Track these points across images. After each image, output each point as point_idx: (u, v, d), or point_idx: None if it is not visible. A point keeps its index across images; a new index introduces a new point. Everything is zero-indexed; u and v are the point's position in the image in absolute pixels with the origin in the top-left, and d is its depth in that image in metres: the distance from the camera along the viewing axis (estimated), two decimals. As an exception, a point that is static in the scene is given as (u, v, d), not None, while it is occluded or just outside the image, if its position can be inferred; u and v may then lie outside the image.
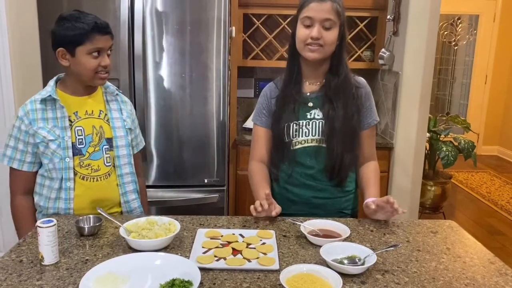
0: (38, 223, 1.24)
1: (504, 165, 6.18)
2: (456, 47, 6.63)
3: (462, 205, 4.60)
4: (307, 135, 1.67)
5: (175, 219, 1.49)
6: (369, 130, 1.73)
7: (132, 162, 1.73)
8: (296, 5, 2.95)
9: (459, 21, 6.52)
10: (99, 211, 1.49)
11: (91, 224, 1.45)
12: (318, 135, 1.67)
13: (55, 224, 1.24)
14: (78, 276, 1.18)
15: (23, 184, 1.64)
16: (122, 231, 1.36)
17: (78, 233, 1.43)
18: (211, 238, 1.41)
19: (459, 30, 6.55)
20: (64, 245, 1.36)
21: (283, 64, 3.13)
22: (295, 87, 1.69)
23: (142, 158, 2.53)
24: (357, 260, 1.27)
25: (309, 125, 1.67)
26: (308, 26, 1.59)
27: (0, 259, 1.28)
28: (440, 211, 3.66)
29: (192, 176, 2.67)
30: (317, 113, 1.67)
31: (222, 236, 1.43)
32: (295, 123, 1.67)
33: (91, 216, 1.48)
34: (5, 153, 1.61)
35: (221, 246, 1.36)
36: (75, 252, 1.32)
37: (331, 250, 1.30)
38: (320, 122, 1.66)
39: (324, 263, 1.25)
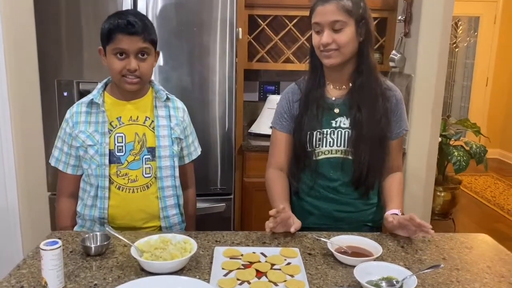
0: (41, 245, 1.11)
1: (506, 168, 6.11)
2: (457, 49, 6.56)
3: (468, 209, 4.51)
4: (331, 145, 1.55)
5: (187, 235, 1.37)
6: (397, 140, 1.61)
7: (177, 174, 1.61)
8: (303, 6, 2.89)
9: (459, 23, 6.45)
10: (107, 229, 1.36)
11: (98, 243, 1.32)
12: (344, 146, 1.54)
13: (60, 246, 1.11)
14: (87, 304, 1.05)
15: (67, 187, 1.59)
16: (133, 251, 1.23)
17: (84, 253, 1.31)
18: (230, 258, 1.29)
19: (460, 32, 6.48)
20: (69, 267, 1.23)
21: (289, 67, 3.09)
22: (319, 91, 1.57)
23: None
24: (394, 282, 1.16)
25: (334, 134, 1.54)
26: (318, 32, 1.49)
27: (-2, 285, 1.15)
28: (449, 217, 3.56)
29: (197, 185, 2.54)
30: (343, 122, 1.55)
31: (242, 255, 1.31)
32: (319, 131, 1.55)
33: (97, 233, 1.35)
34: (53, 154, 1.58)
35: (242, 267, 1.24)
36: (81, 275, 1.19)
37: (365, 271, 1.18)
38: (346, 132, 1.53)
39: (358, 285, 1.14)
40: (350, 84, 1.55)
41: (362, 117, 1.51)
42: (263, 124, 2.94)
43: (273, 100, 2.97)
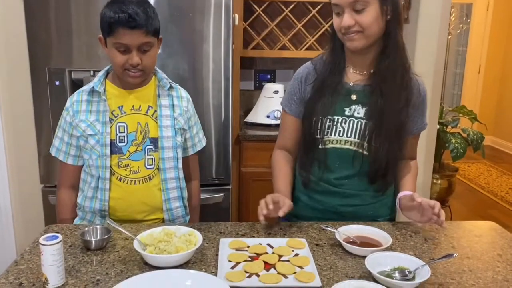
0: (41, 240, 1.06)
1: (499, 155, 6.14)
2: (449, 37, 6.54)
3: (462, 196, 4.51)
4: (341, 134, 1.44)
5: (191, 227, 1.33)
6: (415, 136, 1.54)
7: (180, 166, 1.55)
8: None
9: (452, 10, 6.42)
10: (108, 221, 1.31)
11: (99, 237, 1.27)
12: (355, 137, 1.43)
13: (60, 241, 1.07)
14: (90, 301, 1.01)
15: (68, 178, 1.55)
16: (136, 245, 1.19)
17: (84, 247, 1.26)
18: (236, 250, 1.25)
19: (452, 19, 6.45)
20: (69, 262, 1.18)
21: (285, 54, 3.03)
22: (337, 74, 1.45)
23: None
24: (407, 273, 1.13)
25: (345, 123, 1.44)
26: (338, 14, 1.38)
27: (-5, 282, 1.10)
28: (446, 205, 3.55)
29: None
30: (358, 110, 1.43)
31: (248, 247, 1.27)
32: (329, 118, 1.44)
33: (97, 226, 1.30)
34: (54, 144, 1.54)
35: (250, 259, 1.20)
36: (83, 270, 1.15)
37: (375, 261, 1.15)
38: (359, 122, 1.42)
39: (369, 276, 1.11)
40: (372, 70, 1.44)
41: (383, 105, 1.40)
42: (259, 114, 2.89)
43: (269, 88, 2.92)
